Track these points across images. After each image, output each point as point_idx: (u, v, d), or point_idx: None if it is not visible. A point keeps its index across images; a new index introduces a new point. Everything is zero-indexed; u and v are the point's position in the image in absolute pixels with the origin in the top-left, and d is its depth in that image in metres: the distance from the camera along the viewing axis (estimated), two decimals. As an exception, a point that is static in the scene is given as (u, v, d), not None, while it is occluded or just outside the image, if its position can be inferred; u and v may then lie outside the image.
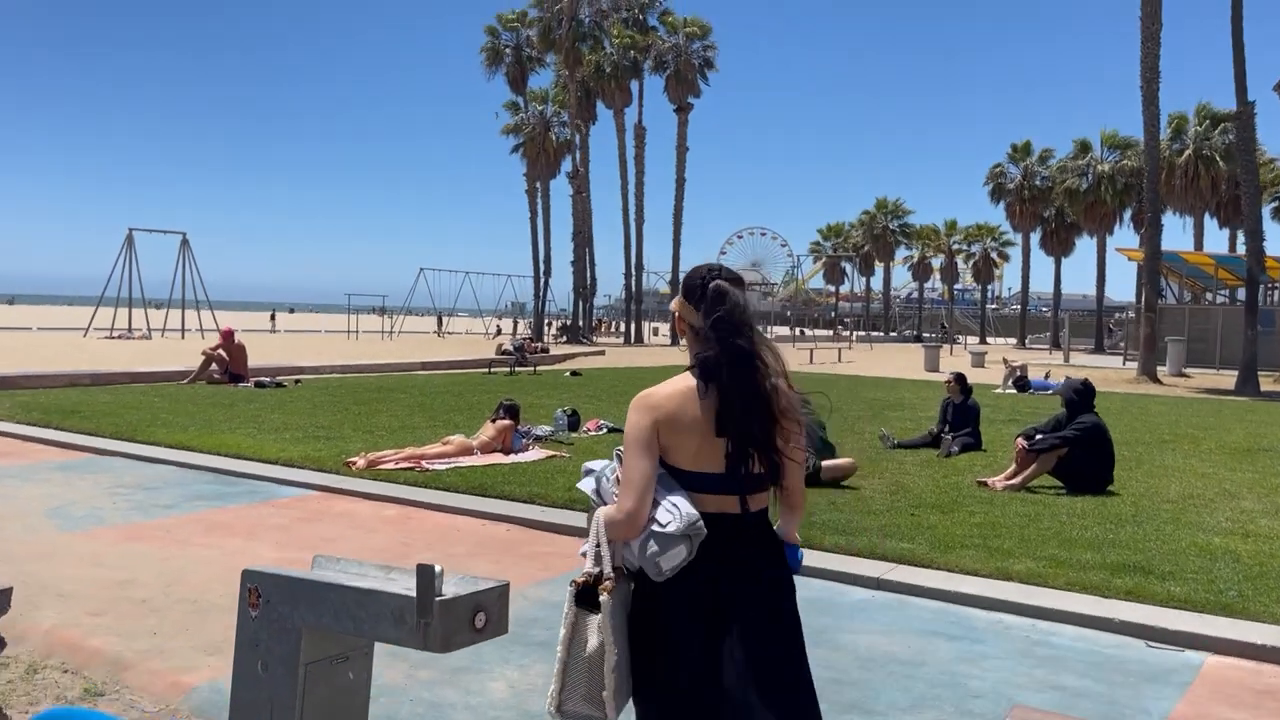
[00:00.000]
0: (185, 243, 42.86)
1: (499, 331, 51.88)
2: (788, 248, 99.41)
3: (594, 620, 2.26)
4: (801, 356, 35.09)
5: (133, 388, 15.46)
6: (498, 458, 9.15)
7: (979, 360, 30.61)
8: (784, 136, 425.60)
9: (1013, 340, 60.06)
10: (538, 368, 23.52)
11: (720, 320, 2.30)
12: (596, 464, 2.55)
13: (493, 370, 22.45)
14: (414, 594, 2.30)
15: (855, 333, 63.59)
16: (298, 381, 17.01)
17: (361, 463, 8.54)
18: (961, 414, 10.71)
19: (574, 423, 11.27)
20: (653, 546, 2.23)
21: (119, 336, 39.28)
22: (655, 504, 2.27)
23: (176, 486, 8.06)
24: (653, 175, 50.87)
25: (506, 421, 9.50)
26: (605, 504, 2.40)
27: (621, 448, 2.39)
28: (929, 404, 15.47)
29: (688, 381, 2.34)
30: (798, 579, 2.48)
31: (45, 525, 6.57)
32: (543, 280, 52.07)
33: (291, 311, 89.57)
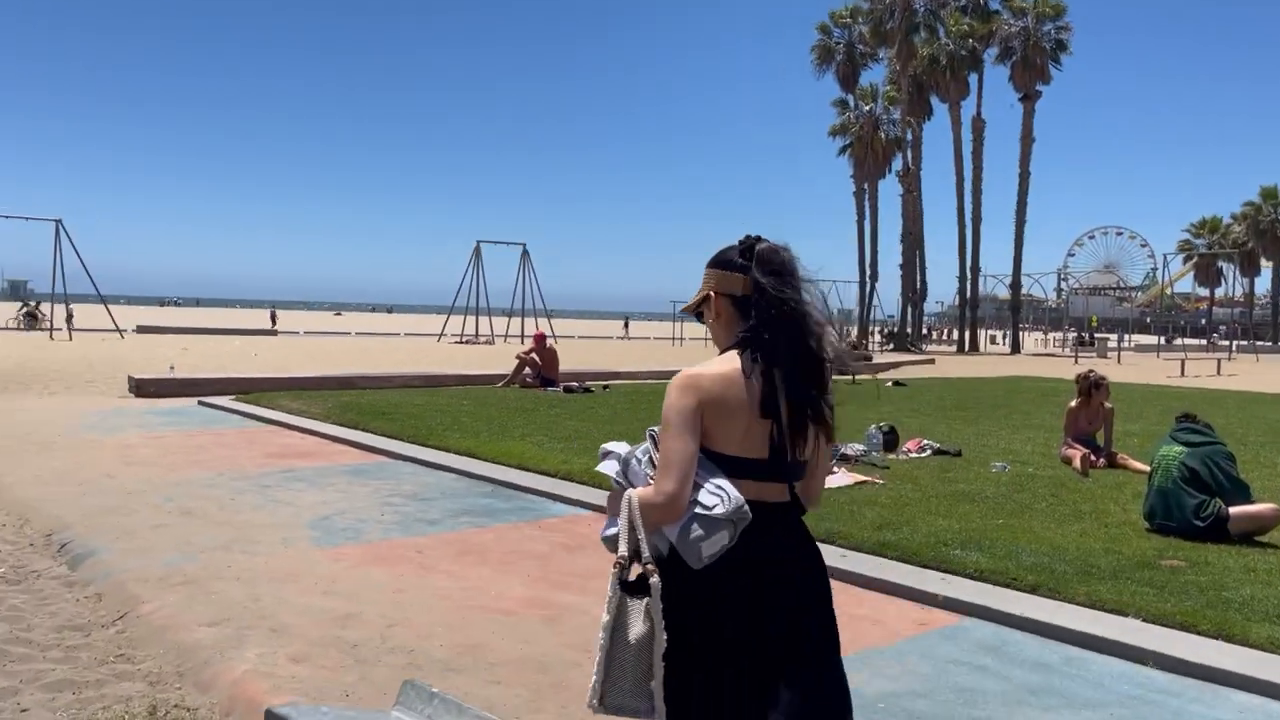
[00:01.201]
0: (525, 254, 45.53)
1: (822, 338, 50.28)
2: (1148, 248, 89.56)
3: (639, 605, 2.05)
4: (1170, 368, 30.59)
5: (450, 390, 15.75)
6: (798, 481, 7.84)
7: None
8: (1144, 121, 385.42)
9: None
10: (856, 377, 21.84)
11: (769, 280, 2.14)
12: (618, 446, 2.31)
13: (810, 378, 21.11)
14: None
15: (1234, 341, 55.31)
16: (606, 387, 16.64)
17: (642, 481, 7.57)
18: None
19: (890, 442, 9.70)
20: (696, 530, 2.06)
21: (466, 341, 42.34)
22: (696, 487, 2.09)
23: (450, 498, 7.50)
24: (991, 171, 47.04)
25: (809, 439, 8.17)
26: (634, 487, 2.18)
27: (655, 427, 2.20)
28: (1360, 430, 12.24)
29: (732, 363, 2.14)
30: None
31: (302, 538, 6.13)
32: (868, 285, 49.93)
33: (627, 322, 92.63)
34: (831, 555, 5.73)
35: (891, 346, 46.38)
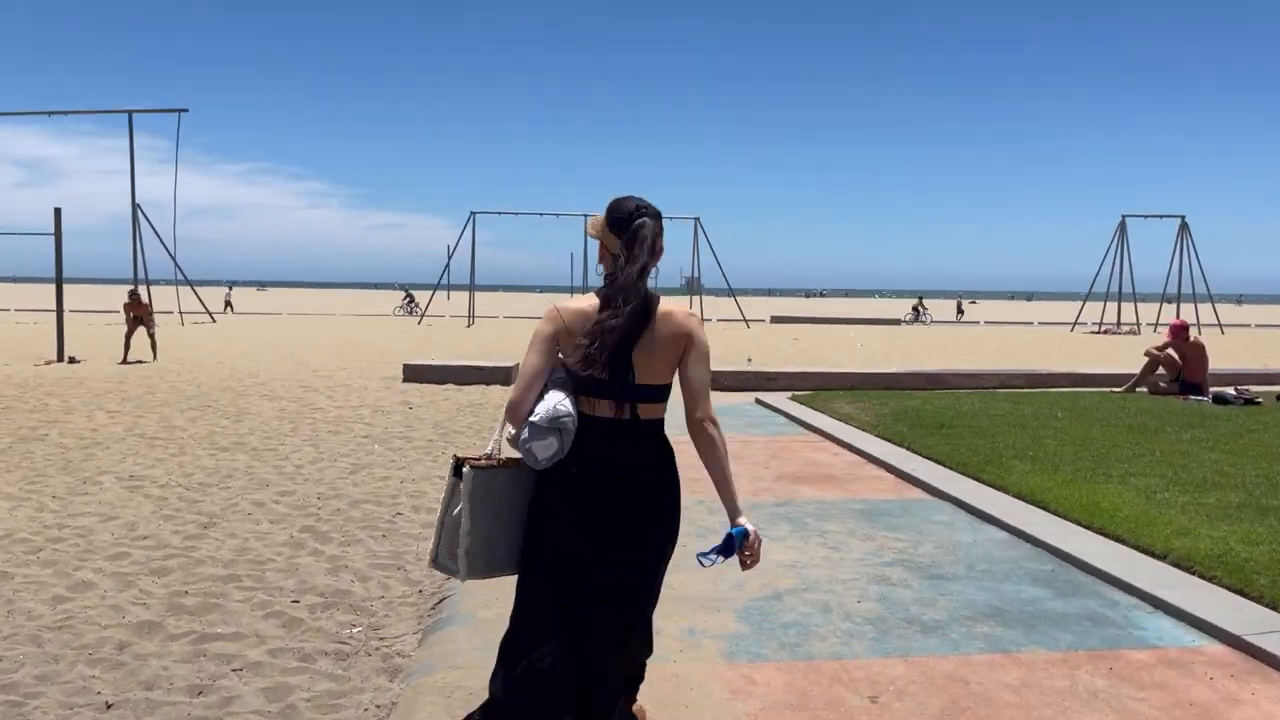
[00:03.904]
0: (1184, 227, 38.67)
1: None
2: None
3: (458, 488, 2.56)
4: None
5: (1053, 394, 12.58)
6: None
7: None
8: None
9: None
10: None
11: (624, 248, 2.59)
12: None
13: None
14: None
15: None
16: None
17: (1331, 595, 4.19)
18: None
19: None
20: (525, 434, 2.48)
21: (1104, 331, 37.30)
22: (540, 399, 2.52)
23: (978, 578, 4.90)
24: None
25: None
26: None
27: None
28: None
29: (592, 301, 2.59)
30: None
31: (720, 632, 4.08)
32: None
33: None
34: None
35: None
